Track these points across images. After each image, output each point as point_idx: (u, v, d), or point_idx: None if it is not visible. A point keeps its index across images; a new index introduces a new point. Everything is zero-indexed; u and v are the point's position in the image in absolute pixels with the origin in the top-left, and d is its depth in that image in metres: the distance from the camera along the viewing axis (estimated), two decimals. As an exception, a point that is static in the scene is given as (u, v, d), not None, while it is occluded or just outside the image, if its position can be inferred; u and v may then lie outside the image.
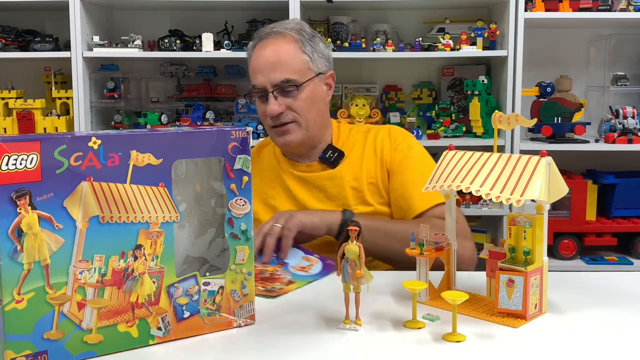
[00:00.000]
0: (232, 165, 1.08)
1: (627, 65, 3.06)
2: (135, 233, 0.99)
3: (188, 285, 1.05)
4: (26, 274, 0.92)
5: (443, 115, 2.98)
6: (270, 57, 1.60)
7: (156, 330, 1.02)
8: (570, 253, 2.86)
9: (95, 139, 0.96)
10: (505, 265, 1.12)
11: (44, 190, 0.93)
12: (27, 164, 0.92)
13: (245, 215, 1.09)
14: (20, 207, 0.92)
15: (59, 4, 2.75)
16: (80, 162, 0.95)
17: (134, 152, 0.99)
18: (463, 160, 1.20)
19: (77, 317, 0.96)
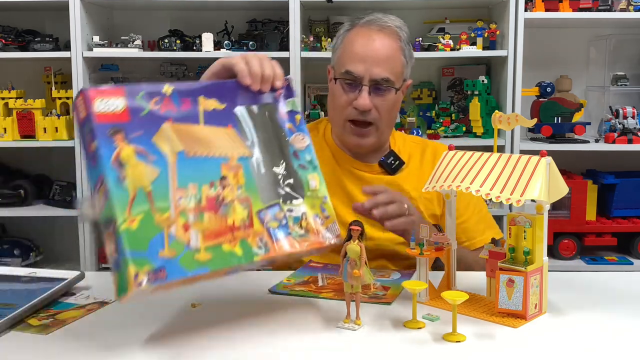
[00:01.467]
0: (283, 108, 1.21)
1: (627, 65, 3.06)
2: (218, 166, 1.09)
3: (274, 212, 1.12)
4: (133, 199, 0.99)
5: (443, 115, 2.98)
6: (378, 50, 1.54)
7: (257, 249, 1.09)
8: (570, 253, 2.86)
9: (167, 86, 1.08)
10: (505, 265, 1.12)
11: (134, 128, 1.03)
12: (116, 106, 1.02)
13: (307, 147, 1.20)
14: (118, 141, 1.01)
15: (59, 4, 2.75)
16: (159, 106, 1.06)
17: (201, 97, 1.11)
18: (463, 160, 1.20)
19: (184, 238, 1.02)
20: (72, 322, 1.14)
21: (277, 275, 1.42)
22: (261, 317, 1.16)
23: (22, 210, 2.89)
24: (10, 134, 2.82)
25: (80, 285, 1.31)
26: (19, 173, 3.08)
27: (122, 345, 1.05)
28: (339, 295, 1.25)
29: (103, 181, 0.99)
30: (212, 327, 1.12)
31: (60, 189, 2.94)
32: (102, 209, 1.00)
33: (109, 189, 0.98)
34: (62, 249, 3.12)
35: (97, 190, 1.00)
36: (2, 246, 2.93)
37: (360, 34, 1.57)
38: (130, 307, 1.22)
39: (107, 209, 0.98)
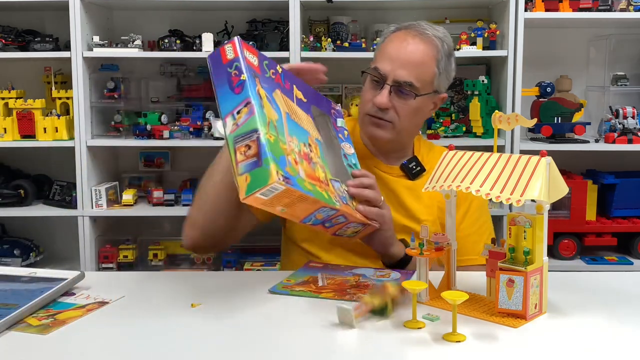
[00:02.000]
0: (335, 122, 1.51)
1: (627, 65, 3.06)
2: (306, 134, 1.33)
3: (337, 185, 1.35)
4: (268, 123, 1.19)
5: (443, 115, 2.98)
6: (408, 53, 1.56)
7: (335, 201, 1.29)
8: (570, 253, 2.86)
9: (279, 66, 1.35)
10: (505, 265, 1.12)
11: (262, 81, 1.25)
12: (253, 60, 1.26)
13: (352, 154, 1.49)
14: (257, 82, 1.23)
15: (59, 4, 2.75)
16: (275, 77, 1.32)
17: (294, 86, 1.38)
18: (463, 160, 1.21)
19: (296, 168, 1.21)
20: (72, 322, 1.14)
21: (277, 275, 1.42)
22: (261, 317, 1.16)
23: (22, 210, 2.89)
24: (10, 134, 2.81)
25: (80, 285, 1.31)
26: (19, 173, 3.07)
27: (122, 345, 1.05)
28: (339, 295, 1.25)
29: (249, 102, 1.18)
30: (212, 327, 1.13)
31: (60, 189, 2.94)
32: (244, 123, 1.18)
33: (255, 108, 1.17)
34: (62, 249, 3.12)
35: (237, 111, 1.19)
36: (2, 246, 2.93)
37: (398, 36, 1.60)
38: (130, 307, 1.22)
39: (251, 123, 1.16)
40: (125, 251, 2.91)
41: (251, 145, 1.15)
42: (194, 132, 2.86)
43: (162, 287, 1.36)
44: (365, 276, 1.38)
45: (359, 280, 1.35)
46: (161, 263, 2.94)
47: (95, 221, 2.87)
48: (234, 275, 1.41)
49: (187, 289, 1.32)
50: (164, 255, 2.96)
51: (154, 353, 1.02)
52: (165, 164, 3.14)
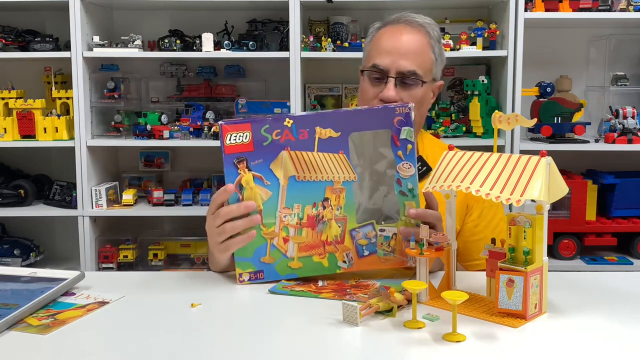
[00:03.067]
0: (398, 135, 1.28)
1: (627, 65, 3.06)
2: (323, 189, 1.28)
3: (367, 231, 1.29)
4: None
5: (443, 115, 2.98)
6: (405, 44, 1.55)
7: (342, 262, 1.29)
8: (570, 253, 2.86)
9: (288, 120, 1.27)
10: (505, 265, 1.12)
11: (256, 157, 1.27)
12: (243, 139, 1.26)
13: (410, 177, 1.29)
14: (240, 169, 1.27)
15: (59, 4, 2.75)
16: (279, 137, 1.26)
17: (318, 127, 1.27)
18: (463, 160, 1.20)
19: (283, 248, 1.27)
20: (72, 322, 1.14)
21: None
22: (261, 317, 1.16)
23: (22, 210, 2.89)
24: (10, 134, 2.82)
25: (80, 285, 1.31)
26: (19, 173, 3.08)
27: (122, 345, 1.05)
28: (339, 295, 1.25)
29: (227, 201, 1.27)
30: (212, 327, 1.13)
31: (60, 189, 2.94)
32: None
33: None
34: (62, 249, 3.12)
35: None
36: (2, 246, 2.93)
37: (388, 30, 1.59)
38: (130, 307, 1.22)
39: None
40: (125, 251, 2.91)
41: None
42: (194, 132, 2.86)
43: (162, 287, 1.36)
44: (365, 276, 1.38)
45: (359, 280, 1.35)
46: (161, 263, 2.95)
47: (95, 221, 2.87)
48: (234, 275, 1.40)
49: (187, 289, 1.32)
50: (164, 255, 2.96)
51: (154, 353, 1.02)
52: (165, 164, 3.14)
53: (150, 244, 2.97)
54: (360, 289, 1.29)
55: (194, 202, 2.91)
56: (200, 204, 2.89)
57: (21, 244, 2.95)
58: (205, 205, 2.87)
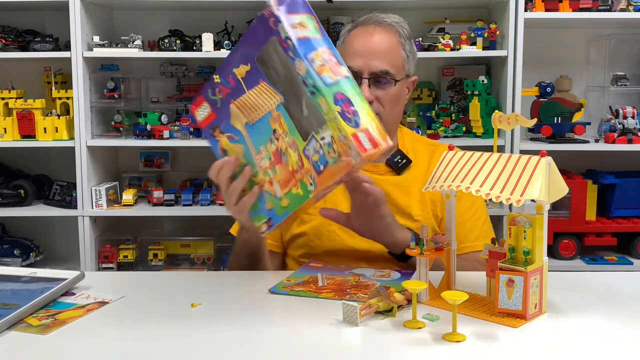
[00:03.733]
0: (279, 37, 1.18)
1: (627, 65, 3.06)
2: (268, 123, 1.26)
3: (313, 145, 1.22)
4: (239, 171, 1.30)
5: (443, 115, 2.98)
6: (376, 44, 1.57)
7: (309, 186, 1.23)
8: (570, 253, 2.86)
9: (215, 76, 1.30)
10: (505, 265, 1.12)
11: (219, 121, 1.32)
12: (206, 111, 1.33)
13: (306, 72, 1.16)
14: (217, 136, 1.33)
15: (59, 4, 2.75)
16: (221, 94, 1.30)
17: (234, 69, 1.26)
18: (463, 160, 1.21)
19: (272, 191, 1.28)
20: (72, 322, 1.14)
21: (277, 275, 1.42)
22: (261, 317, 1.16)
23: (22, 210, 2.89)
24: (10, 134, 2.81)
25: (80, 285, 1.31)
26: (19, 173, 3.08)
27: (122, 345, 1.05)
28: (339, 295, 1.25)
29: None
30: (212, 327, 1.13)
31: (60, 189, 2.94)
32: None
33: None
34: (62, 249, 3.12)
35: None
36: (2, 246, 2.93)
37: (359, 32, 1.61)
38: (130, 307, 1.22)
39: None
40: (125, 251, 2.91)
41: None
42: (194, 132, 2.86)
43: (162, 287, 1.36)
44: (365, 276, 1.38)
45: (359, 280, 1.35)
46: (161, 263, 2.94)
47: (95, 221, 2.87)
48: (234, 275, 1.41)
49: (187, 289, 1.32)
50: (164, 255, 2.96)
51: (154, 353, 1.02)
52: (165, 164, 3.14)
53: (150, 244, 2.97)
54: (360, 289, 1.29)
55: (194, 202, 2.91)
56: (200, 204, 2.89)
57: (21, 244, 2.95)
58: (205, 205, 2.87)
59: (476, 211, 1.66)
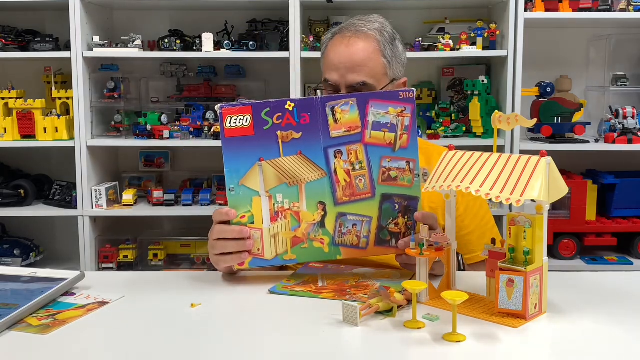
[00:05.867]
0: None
1: (627, 65, 3.06)
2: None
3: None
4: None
5: (443, 115, 2.98)
6: (350, 56, 1.54)
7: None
8: (570, 253, 2.86)
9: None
10: (505, 265, 1.12)
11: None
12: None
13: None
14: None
15: (59, 4, 2.75)
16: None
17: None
18: (463, 160, 1.20)
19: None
20: (72, 322, 1.14)
21: (277, 275, 1.42)
22: (261, 317, 1.16)
23: (22, 210, 2.89)
24: (10, 134, 2.82)
25: (80, 285, 1.31)
26: (19, 173, 3.08)
27: (122, 345, 1.05)
28: (339, 295, 1.25)
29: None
30: (212, 327, 1.13)
31: (60, 189, 2.94)
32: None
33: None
34: (62, 249, 3.12)
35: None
36: (2, 246, 2.93)
37: (336, 42, 1.59)
38: (130, 307, 1.22)
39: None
40: (125, 251, 2.91)
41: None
42: (194, 132, 2.86)
43: (162, 287, 1.35)
44: (365, 276, 1.38)
45: (359, 281, 1.35)
46: (161, 263, 2.95)
47: (95, 221, 2.87)
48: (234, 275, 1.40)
49: (187, 289, 1.32)
50: (164, 255, 2.96)
51: (154, 353, 1.02)
52: (165, 164, 3.14)
53: (150, 244, 2.97)
54: (360, 289, 1.29)
55: (194, 202, 2.91)
56: (200, 204, 2.89)
57: (21, 244, 2.96)
58: (205, 205, 2.88)
59: (483, 218, 1.65)
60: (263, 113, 1.25)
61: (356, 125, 1.26)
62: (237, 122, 1.25)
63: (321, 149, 1.27)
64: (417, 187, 1.29)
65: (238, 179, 1.28)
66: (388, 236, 1.31)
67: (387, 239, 1.31)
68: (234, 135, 1.26)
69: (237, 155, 1.26)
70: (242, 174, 1.27)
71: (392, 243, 1.31)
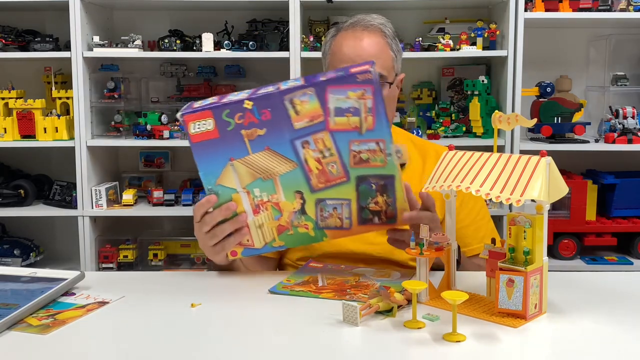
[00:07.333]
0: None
1: (627, 65, 3.06)
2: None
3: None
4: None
5: (443, 115, 2.98)
6: (366, 48, 1.56)
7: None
8: (570, 253, 2.86)
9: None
10: (505, 265, 1.12)
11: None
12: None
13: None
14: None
15: (59, 4, 2.75)
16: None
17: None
18: (463, 160, 1.20)
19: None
20: (72, 322, 1.14)
21: (277, 275, 1.42)
22: (261, 317, 1.16)
23: (22, 210, 2.89)
24: (10, 134, 2.82)
25: (80, 285, 1.31)
26: (19, 173, 3.08)
27: (122, 345, 1.05)
28: (339, 295, 1.25)
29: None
30: (212, 327, 1.13)
31: (60, 189, 2.94)
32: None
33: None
34: (62, 249, 3.12)
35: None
36: (2, 246, 2.93)
37: (346, 37, 1.60)
38: (130, 307, 1.22)
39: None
40: (125, 251, 2.91)
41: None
42: (194, 132, 2.85)
43: (162, 287, 1.36)
44: (365, 276, 1.38)
45: (359, 280, 1.35)
46: (161, 263, 2.95)
47: (95, 221, 2.87)
48: (234, 275, 1.40)
49: (187, 289, 1.32)
50: (164, 255, 2.96)
51: (154, 353, 1.02)
52: (165, 164, 3.14)
53: (150, 244, 2.97)
54: (360, 289, 1.29)
55: (193, 202, 2.91)
56: (200, 204, 2.89)
57: (21, 244, 2.95)
58: (205, 205, 2.87)
59: (479, 212, 1.66)
60: (224, 115, 1.22)
61: (318, 114, 1.23)
62: (201, 127, 1.23)
63: (287, 142, 1.24)
64: (391, 165, 1.25)
65: (214, 180, 1.27)
66: (370, 215, 1.30)
67: (369, 217, 1.30)
68: (201, 140, 1.24)
69: (208, 158, 1.25)
70: (217, 174, 1.27)
71: (376, 220, 1.29)
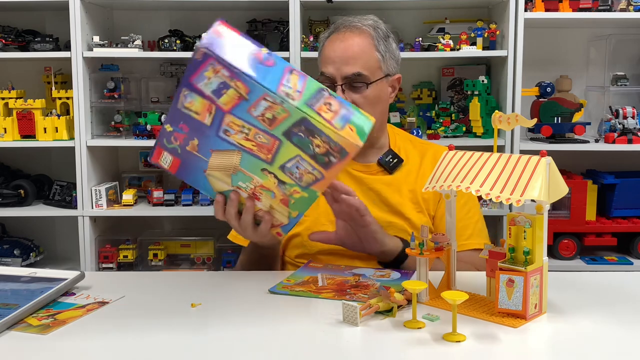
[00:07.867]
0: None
1: (627, 65, 3.06)
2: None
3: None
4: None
5: (443, 115, 2.98)
6: (345, 49, 1.60)
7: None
8: (570, 253, 2.86)
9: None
10: (505, 265, 1.12)
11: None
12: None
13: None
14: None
15: (59, 4, 2.75)
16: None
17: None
18: (463, 160, 1.21)
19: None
20: (72, 322, 1.14)
21: (277, 275, 1.42)
22: (261, 317, 1.16)
23: (22, 210, 2.89)
24: (10, 134, 2.81)
25: (80, 285, 1.31)
26: (19, 173, 3.08)
27: (122, 345, 1.05)
28: (339, 295, 1.25)
29: (292, 69, 1.21)
30: (212, 327, 1.13)
31: (60, 189, 2.94)
32: (304, 87, 1.22)
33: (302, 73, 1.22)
34: (62, 249, 3.12)
35: (286, 80, 1.21)
36: (2, 246, 2.93)
37: (331, 39, 1.64)
38: (130, 307, 1.22)
39: (312, 84, 1.22)
40: (125, 251, 2.91)
41: (330, 101, 1.20)
42: (194, 132, 2.85)
43: (162, 287, 1.36)
44: (365, 276, 1.38)
45: (358, 280, 1.35)
46: (161, 263, 2.94)
47: (95, 221, 2.87)
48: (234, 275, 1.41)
49: (187, 289, 1.32)
50: (164, 255, 2.96)
51: (154, 353, 1.02)
52: (166, 164, 3.14)
53: (150, 244, 2.97)
54: (360, 289, 1.29)
55: (193, 202, 2.91)
56: (200, 204, 2.89)
57: (21, 244, 2.95)
58: (205, 205, 2.87)
59: (469, 210, 1.66)
60: (166, 143, 1.28)
61: (208, 105, 1.23)
62: (167, 160, 1.30)
63: (216, 137, 1.25)
64: (292, 109, 1.19)
65: (212, 191, 1.32)
66: (325, 158, 1.25)
67: (325, 160, 1.25)
68: (175, 168, 1.30)
69: (191, 178, 1.31)
70: (209, 187, 1.31)
71: (333, 160, 1.23)
